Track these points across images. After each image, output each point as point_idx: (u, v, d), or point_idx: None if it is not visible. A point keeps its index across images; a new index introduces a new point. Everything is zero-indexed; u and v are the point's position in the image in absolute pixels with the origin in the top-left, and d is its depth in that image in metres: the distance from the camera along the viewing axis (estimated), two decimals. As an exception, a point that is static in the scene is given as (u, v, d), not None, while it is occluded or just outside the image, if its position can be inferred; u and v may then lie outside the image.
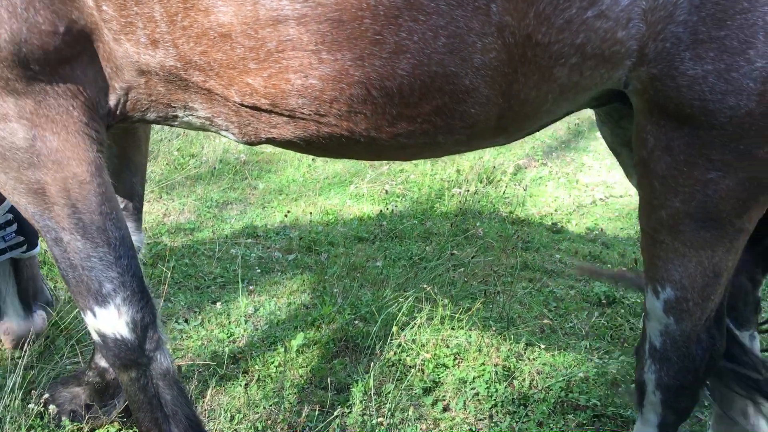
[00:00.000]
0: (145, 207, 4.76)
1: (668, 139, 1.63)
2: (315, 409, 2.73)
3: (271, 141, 1.75)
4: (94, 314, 1.86)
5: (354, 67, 1.54)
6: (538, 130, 1.91)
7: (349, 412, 2.81)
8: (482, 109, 1.61)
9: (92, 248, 1.77)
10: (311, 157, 5.91)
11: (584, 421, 2.83)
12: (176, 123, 1.82)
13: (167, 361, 1.98)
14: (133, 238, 2.36)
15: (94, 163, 1.71)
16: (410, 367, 3.10)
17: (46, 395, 2.60)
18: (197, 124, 1.79)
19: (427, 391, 3.00)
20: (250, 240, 4.38)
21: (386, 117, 1.61)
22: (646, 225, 1.80)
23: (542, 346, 3.30)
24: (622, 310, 3.67)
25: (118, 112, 1.75)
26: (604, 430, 2.79)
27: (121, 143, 2.25)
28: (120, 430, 2.60)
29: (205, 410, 2.76)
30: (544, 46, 1.53)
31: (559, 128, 7.31)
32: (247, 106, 1.65)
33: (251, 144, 1.78)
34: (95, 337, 1.93)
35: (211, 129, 1.79)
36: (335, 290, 3.72)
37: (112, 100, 1.72)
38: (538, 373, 3.12)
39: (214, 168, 5.53)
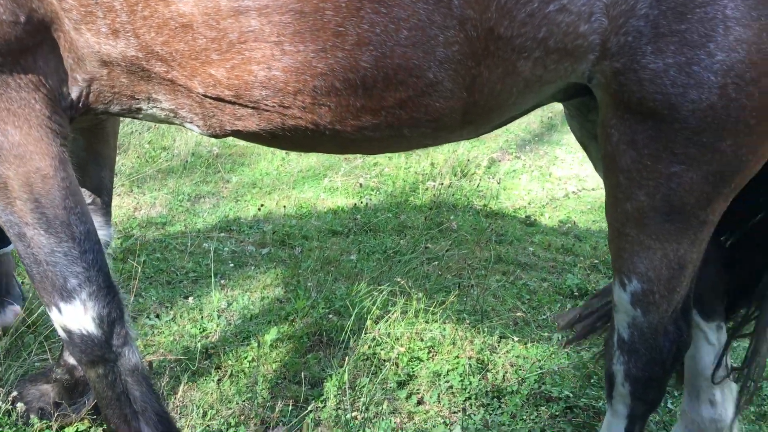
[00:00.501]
0: (116, 201, 4.69)
1: (632, 132, 1.64)
2: (288, 404, 2.72)
3: (236, 133, 1.73)
4: (59, 310, 1.83)
5: (317, 59, 1.53)
6: (506, 124, 1.91)
7: (323, 407, 2.80)
8: (447, 102, 1.61)
9: (56, 243, 1.74)
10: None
11: (557, 413, 2.86)
12: (140, 116, 1.79)
13: (135, 356, 1.95)
14: (102, 232, 2.31)
15: (57, 157, 1.68)
16: (384, 360, 3.10)
17: (14, 393, 2.55)
18: (161, 117, 1.76)
19: (401, 384, 3.00)
20: (223, 234, 4.34)
21: (351, 109, 1.61)
22: (612, 218, 1.81)
23: (516, 339, 3.32)
24: (595, 302, 3.70)
25: (81, 105, 1.71)
26: (577, 421, 2.82)
27: (88, 136, 2.21)
28: (90, 427, 2.56)
29: (176, 406, 2.73)
30: (506, 40, 1.53)
31: (532, 122, 7.35)
32: (210, 98, 1.63)
33: (216, 136, 1.75)
34: (61, 333, 1.90)
35: (175, 121, 1.77)
36: (309, 284, 3.70)
37: (74, 92, 1.68)
38: (512, 366, 3.14)
39: (186, 161, 5.47)
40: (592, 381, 3.03)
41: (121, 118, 2.79)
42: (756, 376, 2.25)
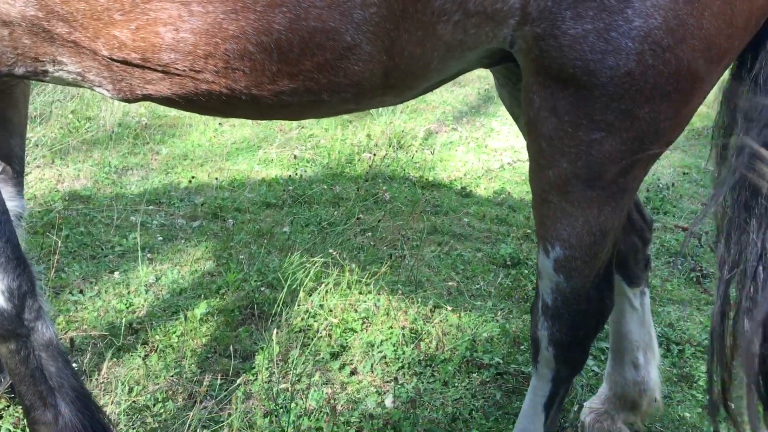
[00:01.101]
0: (37, 173, 4.48)
1: (554, 99, 1.63)
2: (217, 378, 2.67)
3: (148, 97, 1.65)
4: None
5: (227, 21, 1.46)
6: (430, 90, 1.88)
7: (255, 380, 2.76)
8: (366, 66, 1.57)
9: (-42, 214, 1.63)
10: (218, 121, 5.73)
11: (487, 379, 2.90)
12: (48, 78, 1.68)
13: (50, 331, 1.86)
14: (13, 203, 2.19)
15: (-44, 121, 1.56)
16: (318, 332, 3.08)
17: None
18: (69, 80, 1.67)
19: (334, 356, 2.98)
20: (151, 207, 4.21)
21: (266, 74, 1.55)
22: (535, 185, 1.81)
23: (449, 308, 3.34)
24: (526, 271, 3.76)
25: None
26: (507, 386, 2.86)
27: (-5, 102, 2.08)
28: (7, 406, 2.45)
29: (101, 383, 2.64)
30: (425, 2, 1.50)
31: (469, 93, 7.37)
32: (117, 61, 1.54)
33: (128, 101, 1.67)
34: (-32, 309, 1.80)
35: (84, 85, 1.67)
36: (241, 257, 3.63)
37: None
38: (445, 335, 3.16)
39: (113, 132, 5.26)
40: (521, 347, 3.08)
41: (38, 83, 2.64)
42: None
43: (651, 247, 2.54)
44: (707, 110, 3.30)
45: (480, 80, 7.61)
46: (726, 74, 1.82)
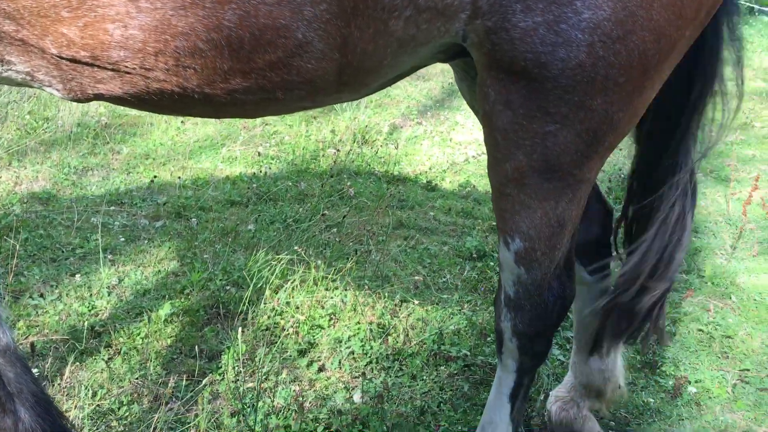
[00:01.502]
0: (-7, 176, 4.38)
1: (507, 92, 1.64)
2: (183, 379, 2.64)
3: (99, 97, 1.62)
4: None
5: (176, 17, 1.44)
6: (387, 86, 1.88)
7: (221, 380, 2.74)
8: (320, 63, 1.56)
9: None
10: (180, 119, 5.65)
11: (455, 371, 2.92)
12: None
13: (6, 336, 1.82)
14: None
15: None
16: (285, 330, 3.06)
17: None
18: (19, 80, 1.63)
19: (302, 353, 2.97)
20: (113, 207, 4.14)
21: (218, 72, 1.53)
22: (493, 179, 1.83)
23: (416, 302, 3.35)
24: (492, 263, 3.79)
25: None
26: (474, 378, 2.89)
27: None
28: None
29: (63, 388, 2.60)
30: None
31: (433, 87, 7.39)
32: (66, 59, 1.51)
33: (79, 101, 1.64)
34: None
35: (33, 85, 1.64)
36: (206, 256, 3.59)
37: None
38: (412, 328, 3.18)
39: (72, 132, 5.15)
40: (488, 339, 3.10)
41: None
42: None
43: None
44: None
45: (444, 74, 7.63)
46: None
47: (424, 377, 2.89)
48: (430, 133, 6.04)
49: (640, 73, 1.60)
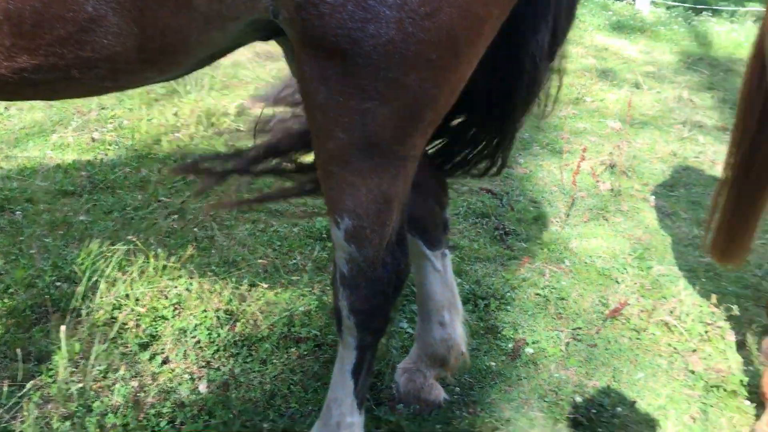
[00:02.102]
0: None
1: (322, 69, 1.62)
2: (4, 385, 2.43)
3: None
4: None
5: None
6: (203, 65, 1.79)
7: (52, 382, 2.55)
8: (117, 39, 1.46)
9: None
10: (3, 104, 5.17)
11: (305, 353, 2.90)
12: None
13: None
14: None
15: None
16: (124, 324, 2.90)
17: None
18: None
19: (143, 346, 2.83)
20: None
21: (0, 49, 1.39)
22: (317, 158, 1.81)
23: (265, 286, 3.29)
24: (342, 242, 3.79)
25: None
26: (324, 357, 2.88)
27: None
28: None
29: None
30: None
31: (283, 68, 7.24)
32: None
33: None
34: None
35: None
36: (33, 251, 3.32)
37: None
38: (262, 313, 3.12)
39: None
40: (338, 317, 3.11)
41: None
42: None
43: (456, 209, 2.64)
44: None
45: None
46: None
47: (275, 361, 2.85)
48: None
49: (451, 49, 1.63)
